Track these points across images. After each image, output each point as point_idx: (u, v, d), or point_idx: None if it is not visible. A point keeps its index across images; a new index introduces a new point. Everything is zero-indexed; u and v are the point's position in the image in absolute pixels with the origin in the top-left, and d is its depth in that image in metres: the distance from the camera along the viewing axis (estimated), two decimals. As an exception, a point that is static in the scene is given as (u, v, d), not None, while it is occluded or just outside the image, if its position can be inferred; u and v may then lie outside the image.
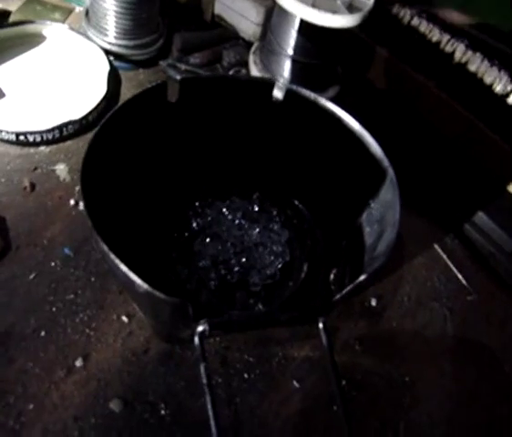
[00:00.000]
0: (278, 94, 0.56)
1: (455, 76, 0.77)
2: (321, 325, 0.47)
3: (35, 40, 0.80)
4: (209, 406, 0.42)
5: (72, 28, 0.81)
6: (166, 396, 0.51)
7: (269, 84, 0.57)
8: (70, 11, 0.89)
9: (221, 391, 0.52)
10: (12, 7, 0.86)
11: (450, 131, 0.76)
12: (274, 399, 0.53)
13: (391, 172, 0.52)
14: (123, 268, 0.39)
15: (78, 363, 0.51)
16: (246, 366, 0.54)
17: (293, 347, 0.56)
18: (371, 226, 0.55)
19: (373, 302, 0.62)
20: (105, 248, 0.40)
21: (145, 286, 0.39)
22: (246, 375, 0.53)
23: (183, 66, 0.82)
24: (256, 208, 0.63)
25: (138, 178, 0.57)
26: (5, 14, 0.85)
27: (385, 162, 0.52)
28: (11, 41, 0.78)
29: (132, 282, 0.39)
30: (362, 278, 0.44)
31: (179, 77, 0.55)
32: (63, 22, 0.85)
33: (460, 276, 0.67)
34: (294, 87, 0.57)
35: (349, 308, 0.60)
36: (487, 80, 0.74)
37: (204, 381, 0.43)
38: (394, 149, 0.54)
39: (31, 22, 0.80)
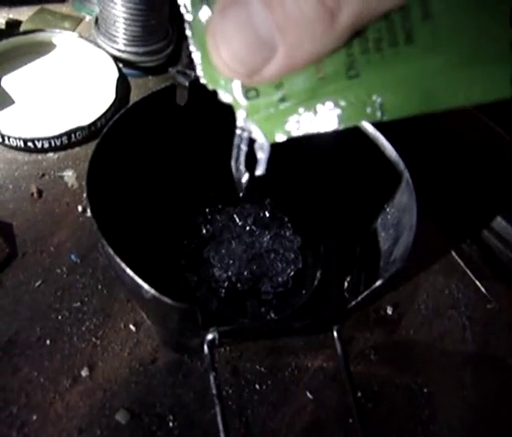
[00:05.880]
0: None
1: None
2: (335, 334, 0.45)
3: (44, 48, 0.80)
4: (219, 418, 0.41)
5: (81, 36, 0.81)
6: (174, 408, 0.49)
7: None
8: (80, 20, 0.89)
9: (232, 402, 0.50)
10: (23, 17, 0.86)
11: (467, 135, 0.74)
12: (287, 411, 0.51)
13: (406, 174, 0.50)
14: (129, 272, 0.38)
15: (84, 373, 0.49)
16: (258, 377, 0.52)
17: (307, 357, 0.54)
18: (386, 231, 0.54)
19: (389, 311, 0.59)
20: (110, 251, 0.38)
21: (152, 291, 0.37)
22: (258, 386, 0.51)
23: (193, 73, 0.81)
24: (267, 214, 0.61)
25: (147, 184, 0.56)
26: (16, 23, 0.85)
27: (401, 165, 0.51)
28: (21, 49, 0.78)
29: (139, 287, 0.38)
30: (378, 283, 0.42)
31: (188, 84, 0.54)
32: (73, 31, 0.85)
33: (479, 283, 0.64)
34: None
35: (364, 316, 0.58)
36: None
37: (214, 391, 0.42)
38: (409, 155, 0.52)
39: (41, 30, 0.80)
